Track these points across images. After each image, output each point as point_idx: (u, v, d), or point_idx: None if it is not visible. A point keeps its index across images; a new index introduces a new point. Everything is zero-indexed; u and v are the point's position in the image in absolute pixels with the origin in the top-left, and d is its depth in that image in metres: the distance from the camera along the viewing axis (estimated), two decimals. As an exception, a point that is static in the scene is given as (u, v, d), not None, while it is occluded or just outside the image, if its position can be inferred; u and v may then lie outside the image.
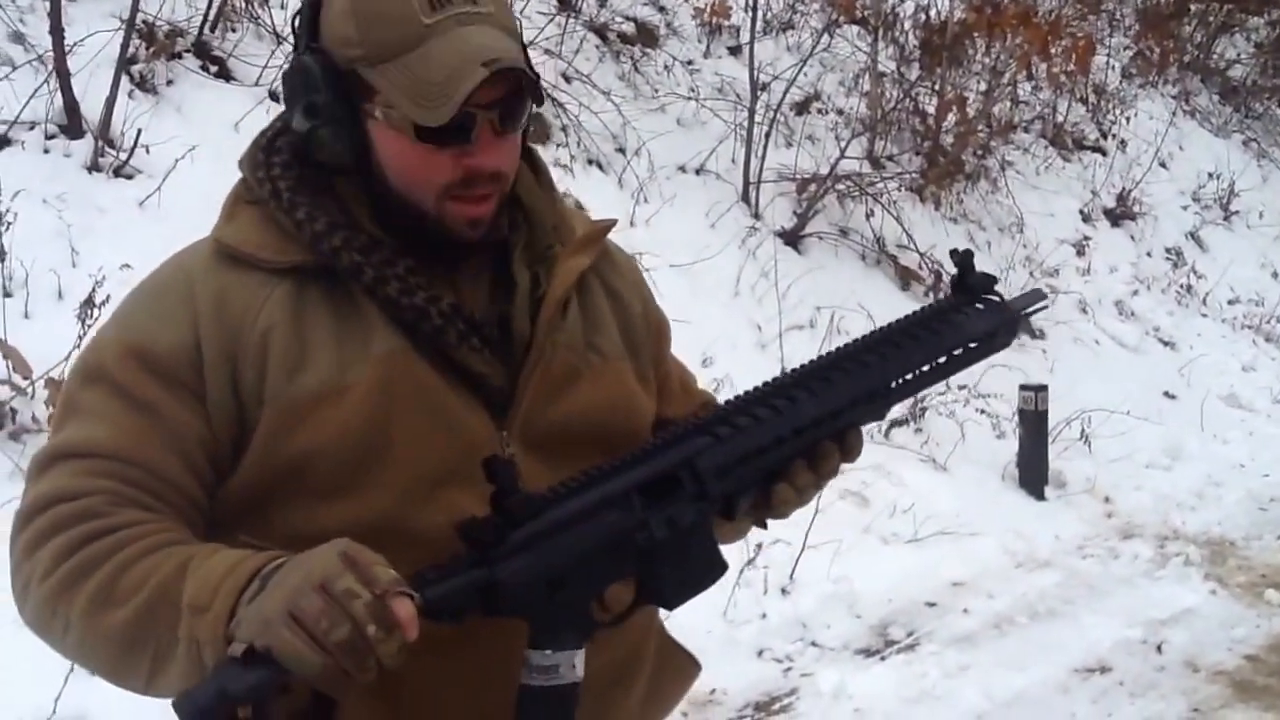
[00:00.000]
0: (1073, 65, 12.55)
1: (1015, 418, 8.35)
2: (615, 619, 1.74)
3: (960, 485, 7.77)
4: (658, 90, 9.91)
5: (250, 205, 1.85)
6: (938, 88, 11.17)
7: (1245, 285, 12.70)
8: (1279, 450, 9.45)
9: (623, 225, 8.02)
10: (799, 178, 9.85)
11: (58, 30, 6.29)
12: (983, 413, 8.52)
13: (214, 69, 7.43)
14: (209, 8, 7.58)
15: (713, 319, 8.04)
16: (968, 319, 2.01)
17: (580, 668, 1.67)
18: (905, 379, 1.96)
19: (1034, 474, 8.11)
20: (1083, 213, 12.40)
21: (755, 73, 9.80)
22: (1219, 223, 13.65)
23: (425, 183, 1.78)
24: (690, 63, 10.57)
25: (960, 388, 8.46)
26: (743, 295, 8.58)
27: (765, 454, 1.83)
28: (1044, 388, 8.25)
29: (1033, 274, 10.94)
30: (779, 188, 9.72)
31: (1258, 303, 12.52)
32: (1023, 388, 8.26)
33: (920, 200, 10.65)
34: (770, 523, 1.96)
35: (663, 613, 1.98)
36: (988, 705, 5.47)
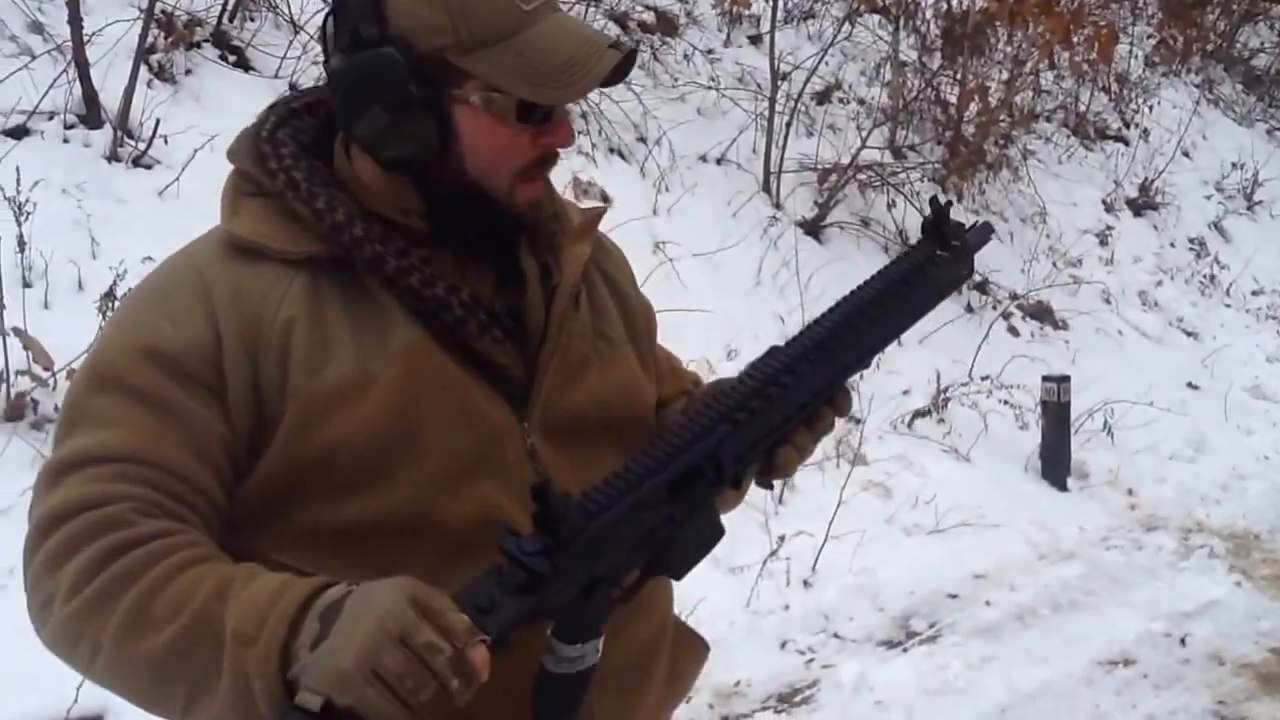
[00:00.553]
0: (1095, 54, 12.48)
1: (1038, 409, 8.32)
2: (625, 594, 1.73)
3: (983, 476, 7.74)
4: (678, 79, 9.87)
5: (253, 198, 1.83)
6: (959, 77, 11.12)
7: (1269, 275, 12.63)
8: (1304, 442, 9.39)
9: (645, 214, 8.02)
10: (820, 168, 9.81)
11: (76, 20, 6.28)
12: (1005, 403, 8.51)
13: (232, 59, 7.41)
14: (227, -3, 7.58)
15: (735, 309, 8.04)
16: (939, 269, 2.06)
17: (600, 650, 1.69)
18: (888, 334, 2.02)
19: (1057, 465, 8.08)
20: (1105, 202, 12.35)
21: (776, 62, 9.76)
22: (1242, 212, 13.58)
23: (507, 165, 1.80)
24: (710, 52, 10.53)
25: (983, 378, 8.45)
26: (764, 285, 8.55)
27: (776, 432, 1.88)
28: (1067, 379, 8.21)
29: (1055, 264, 10.92)
30: (800, 178, 9.68)
31: (1282, 293, 12.48)
32: (1045, 379, 8.24)
33: (942, 190, 10.60)
34: (792, 514, 1.97)
35: (680, 604, 2.02)
36: (1010, 697, 5.45)
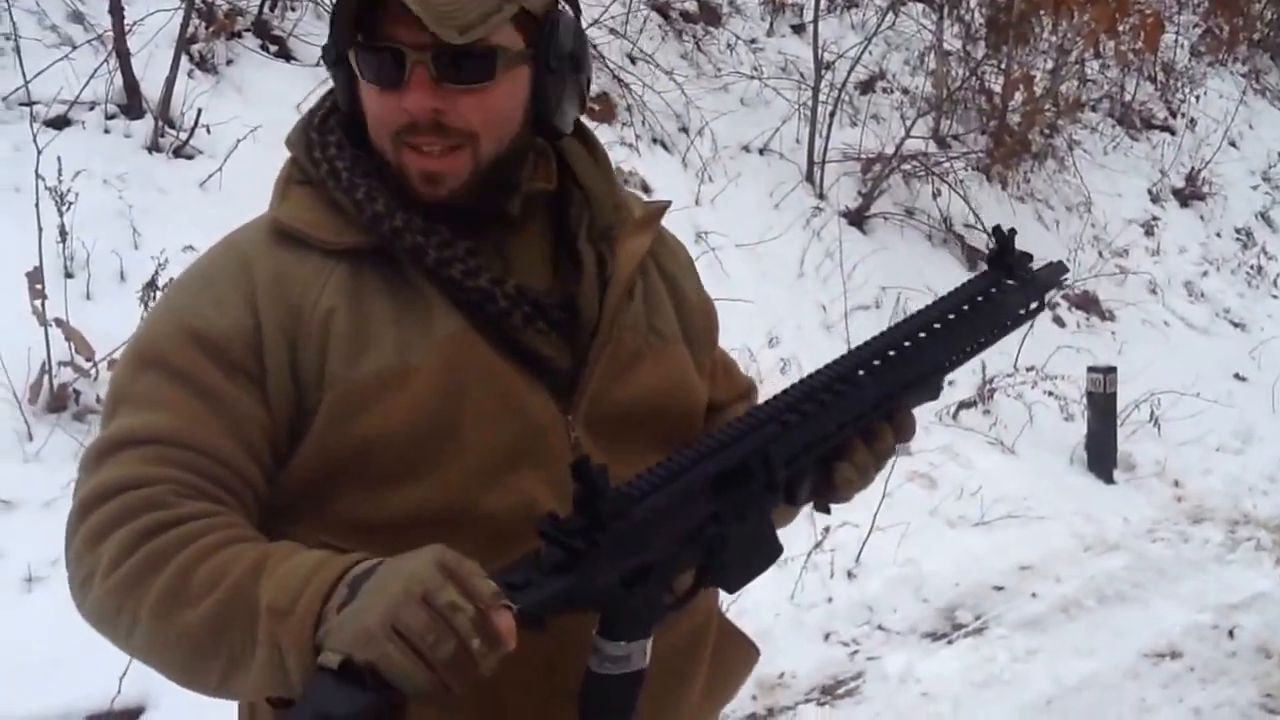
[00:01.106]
0: (1141, 43, 12.42)
1: (1084, 400, 8.28)
2: (678, 601, 1.70)
3: (1028, 468, 7.71)
4: (720, 69, 9.86)
5: (301, 186, 1.83)
6: (1004, 66, 11.07)
7: (1316, 266, 12.52)
8: (1352, 434, 9.29)
9: (688, 204, 8.00)
10: (864, 157, 9.79)
11: (117, 10, 6.30)
12: (1051, 395, 8.47)
13: (274, 48, 7.43)
14: (268, -13, 7.60)
15: (778, 299, 8.03)
16: (1005, 296, 2.00)
17: (649, 654, 1.65)
18: (953, 359, 1.96)
19: (1103, 457, 8.04)
20: (1151, 192, 12.28)
21: (819, 51, 9.73)
22: (1290, 203, 13.48)
23: (383, 127, 1.76)
24: (753, 41, 10.51)
25: (1028, 369, 8.40)
26: (807, 276, 8.52)
27: (829, 440, 1.81)
28: (1113, 369, 8.17)
29: (1101, 254, 10.87)
30: (843, 167, 9.65)
31: (1329, 284, 12.34)
32: (1091, 369, 8.20)
33: (987, 180, 10.58)
34: (837, 505, 1.92)
35: (725, 597, 1.97)
36: (1056, 690, 5.41)
